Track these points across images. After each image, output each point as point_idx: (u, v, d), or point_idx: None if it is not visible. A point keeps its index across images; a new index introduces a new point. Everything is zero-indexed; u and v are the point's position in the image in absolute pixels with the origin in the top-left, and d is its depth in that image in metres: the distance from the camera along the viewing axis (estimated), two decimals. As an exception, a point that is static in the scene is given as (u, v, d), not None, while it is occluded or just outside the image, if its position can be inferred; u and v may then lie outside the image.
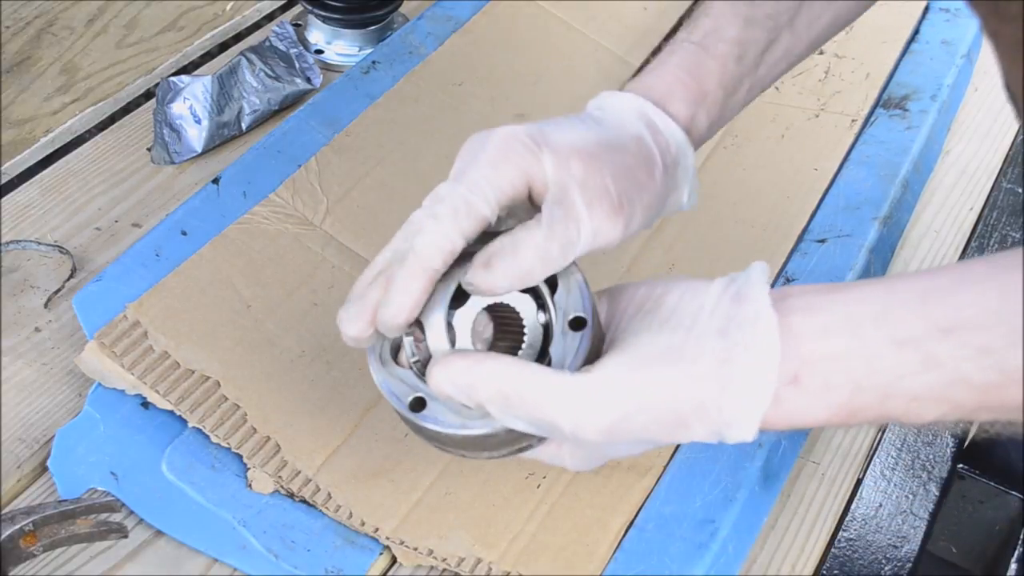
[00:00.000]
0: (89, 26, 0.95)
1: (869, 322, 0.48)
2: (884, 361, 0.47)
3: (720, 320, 0.50)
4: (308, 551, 0.65)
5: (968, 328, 0.46)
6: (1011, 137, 0.98)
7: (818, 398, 0.49)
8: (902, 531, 0.70)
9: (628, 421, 0.49)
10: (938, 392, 0.47)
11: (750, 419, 0.49)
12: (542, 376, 0.50)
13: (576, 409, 0.50)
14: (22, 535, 0.63)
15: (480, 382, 0.51)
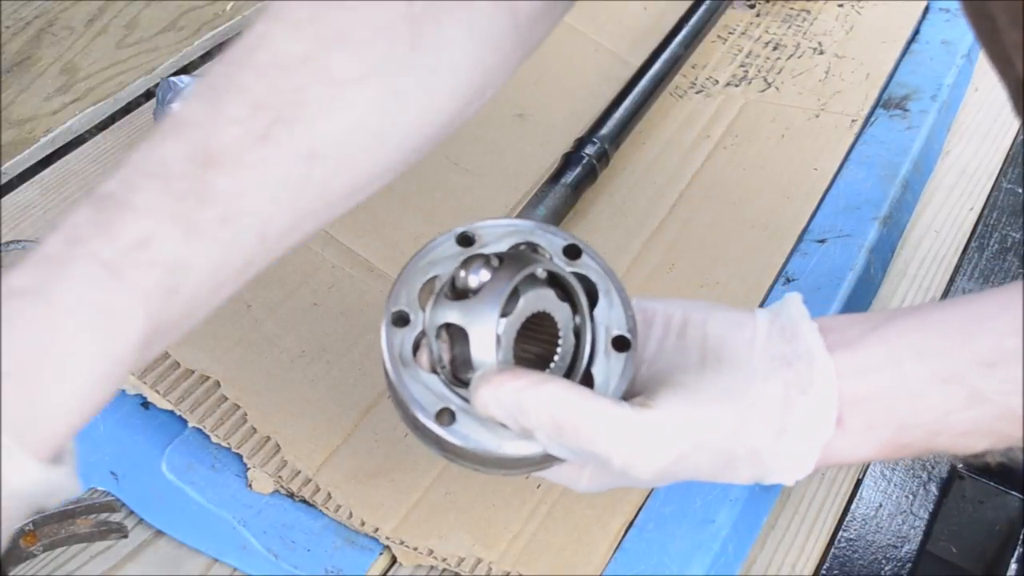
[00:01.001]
0: (89, 26, 0.95)
1: (910, 357, 0.47)
2: (928, 399, 0.47)
3: (771, 359, 0.48)
4: (308, 551, 0.65)
5: (1011, 360, 0.46)
6: (1011, 137, 0.98)
7: (862, 438, 0.48)
8: (902, 531, 0.70)
9: (683, 462, 0.48)
10: (985, 426, 0.47)
11: (801, 466, 0.48)
12: (601, 408, 0.47)
13: (633, 447, 0.47)
14: (22, 535, 0.63)
15: (533, 407, 0.47)
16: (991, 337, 0.46)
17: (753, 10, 1.05)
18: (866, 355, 0.48)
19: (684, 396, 0.48)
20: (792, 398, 0.47)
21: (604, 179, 0.86)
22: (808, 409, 0.47)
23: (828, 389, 0.47)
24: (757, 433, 0.47)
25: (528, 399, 0.47)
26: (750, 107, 0.94)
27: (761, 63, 0.99)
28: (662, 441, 0.47)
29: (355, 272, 0.77)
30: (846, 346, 0.48)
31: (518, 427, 0.48)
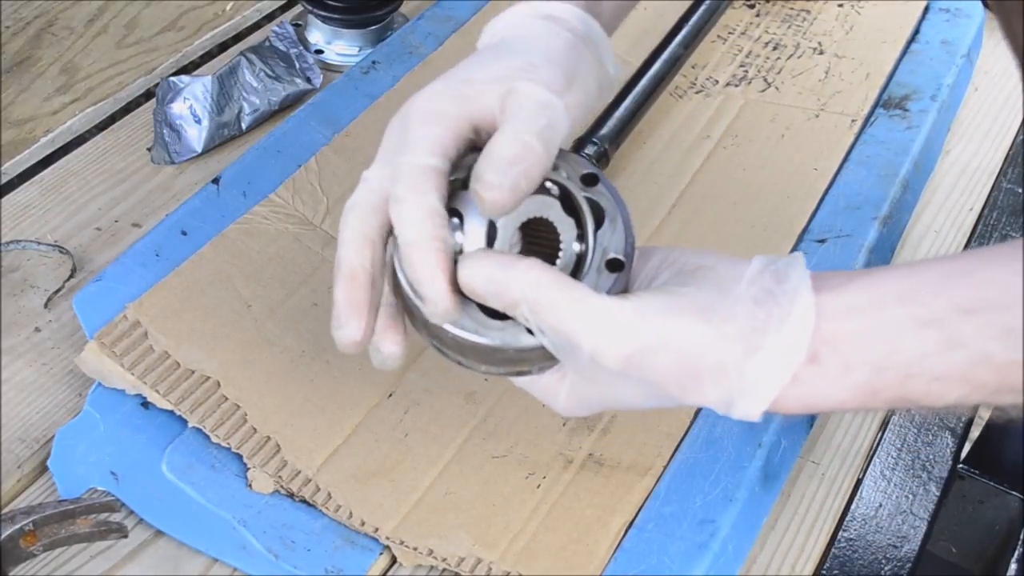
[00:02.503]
0: (89, 26, 0.95)
1: (891, 302, 0.48)
2: (906, 342, 0.47)
3: (758, 291, 0.50)
4: (308, 551, 0.65)
5: (991, 309, 0.46)
6: (1011, 137, 0.98)
7: (837, 378, 0.48)
8: (902, 531, 0.70)
9: (648, 356, 0.49)
10: (961, 372, 0.47)
11: (768, 389, 0.48)
12: (578, 290, 0.49)
13: (603, 330, 0.49)
14: (22, 535, 0.63)
15: (514, 281, 0.49)
16: (972, 286, 0.47)
17: (753, 10, 1.05)
18: (849, 298, 0.49)
19: (661, 297, 0.50)
20: (768, 324, 0.48)
21: (604, 179, 0.86)
22: (782, 336, 0.48)
23: (805, 321, 0.48)
24: (726, 347, 0.49)
25: (511, 274, 0.49)
26: (750, 107, 0.94)
27: (761, 63, 0.99)
28: (629, 328, 0.49)
29: (355, 272, 0.77)
30: (830, 289, 0.49)
31: (502, 303, 0.50)
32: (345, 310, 0.53)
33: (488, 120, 0.53)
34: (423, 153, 0.51)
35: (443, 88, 0.53)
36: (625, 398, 0.54)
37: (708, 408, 0.70)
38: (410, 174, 0.51)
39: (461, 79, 0.54)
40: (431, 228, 0.50)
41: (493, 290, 0.50)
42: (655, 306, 0.50)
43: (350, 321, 0.53)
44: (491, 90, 0.53)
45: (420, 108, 0.53)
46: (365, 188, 0.54)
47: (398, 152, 0.52)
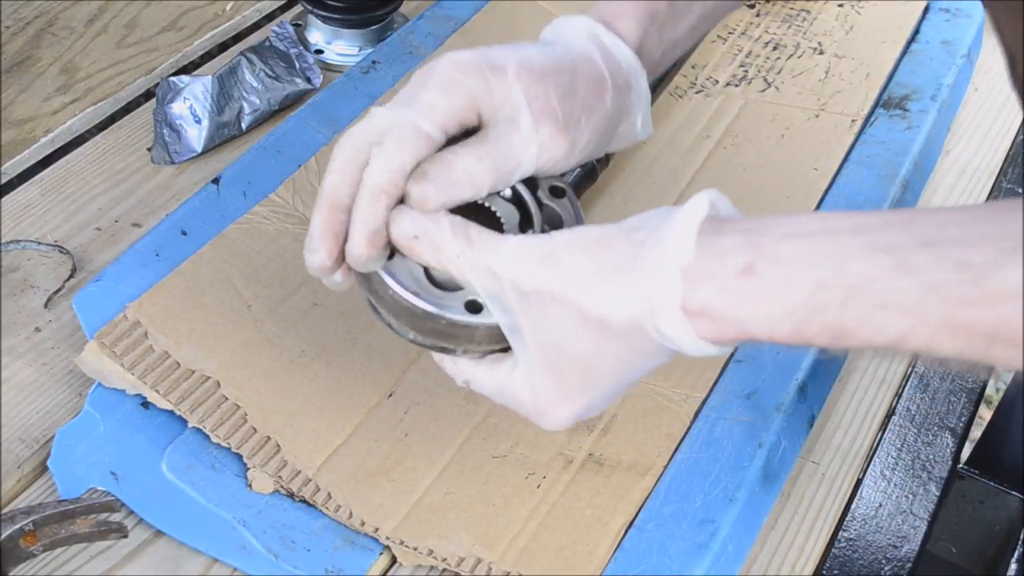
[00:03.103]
0: (89, 26, 0.95)
1: (846, 231, 0.47)
2: (855, 263, 0.46)
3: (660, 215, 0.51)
4: (308, 551, 0.65)
5: (950, 243, 0.45)
6: (1011, 137, 0.98)
7: (773, 293, 0.47)
8: (902, 531, 0.70)
9: (556, 260, 0.51)
10: (908, 300, 0.45)
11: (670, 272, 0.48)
12: (499, 235, 0.53)
13: (517, 255, 0.51)
14: (22, 535, 0.63)
15: (443, 224, 0.52)
16: (932, 224, 0.46)
17: (753, 10, 1.05)
18: (798, 225, 0.48)
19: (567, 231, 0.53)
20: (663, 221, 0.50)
21: (604, 179, 0.86)
22: (674, 221, 0.50)
23: (696, 210, 0.49)
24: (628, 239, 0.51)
25: (439, 219, 0.53)
26: (750, 107, 0.94)
27: (761, 63, 0.99)
28: (536, 246, 0.52)
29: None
30: (778, 217, 0.49)
31: (430, 244, 0.52)
32: (319, 236, 0.55)
33: (488, 113, 0.55)
34: (424, 117, 0.54)
35: (473, 62, 0.55)
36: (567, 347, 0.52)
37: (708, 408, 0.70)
38: (402, 130, 0.54)
39: (493, 64, 0.55)
40: (387, 183, 0.53)
41: (421, 231, 0.52)
42: (562, 233, 0.53)
43: (322, 247, 0.55)
44: (508, 90, 0.55)
45: (444, 73, 0.55)
46: (367, 123, 0.56)
47: (407, 104, 0.54)
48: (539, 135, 0.55)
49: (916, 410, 0.76)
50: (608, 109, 0.59)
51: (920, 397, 0.77)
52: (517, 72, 0.55)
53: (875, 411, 0.76)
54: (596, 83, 0.58)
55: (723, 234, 0.49)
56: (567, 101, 0.56)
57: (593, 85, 0.58)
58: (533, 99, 0.55)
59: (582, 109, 0.57)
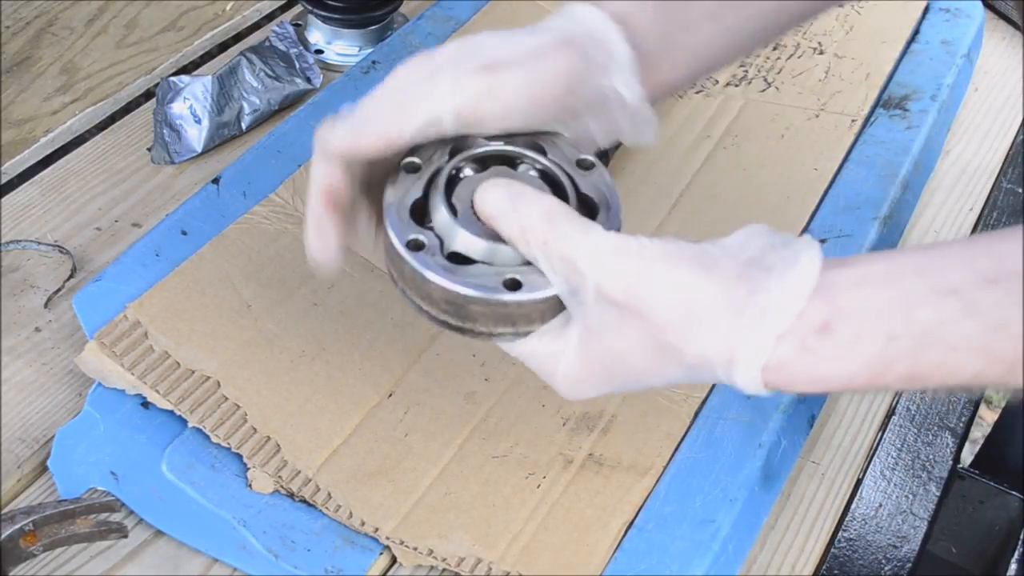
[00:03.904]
0: (89, 26, 0.95)
1: (909, 273, 0.47)
2: (923, 309, 0.46)
3: (764, 246, 0.50)
4: (308, 551, 0.65)
5: (1012, 278, 0.45)
6: (1011, 137, 0.98)
7: (848, 348, 0.47)
8: (902, 531, 0.70)
9: (649, 288, 0.49)
10: (978, 342, 0.46)
11: (766, 337, 0.47)
12: (587, 223, 0.51)
13: (608, 258, 0.49)
14: (22, 535, 0.63)
15: (531, 205, 0.51)
16: (992, 258, 0.46)
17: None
18: (864, 269, 0.48)
19: (669, 241, 0.51)
20: (771, 272, 0.48)
21: (604, 179, 0.86)
22: (786, 280, 0.48)
23: (810, 268, 0.48)
24: (727, 288, 0.48)
25: (527, 199, 0.51)
26: (750, 107, 0.94)
27: (761, 63, 0.99)
28: (633, 258, 0.49)
29: (355, 272, 0.77)
30: (846, 264, 0.49)
31: (516, 223, 0.51)
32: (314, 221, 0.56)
33: None
34: (410, 118, 0.54)
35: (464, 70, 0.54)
36: (631, 357, 0.52)
37: (708, 408, 0.70)
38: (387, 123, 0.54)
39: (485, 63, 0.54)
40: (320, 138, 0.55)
41: (508, 208, 0.51)
42: (661, 247, 0.50)
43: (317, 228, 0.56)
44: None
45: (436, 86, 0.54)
46: None
47: (399, 97, 0.54)
48: (452, 69, 0.53)
49: (916, 410, 0.76)
50: (556, 53, 0.55)
51: (920, 397, 0.77)
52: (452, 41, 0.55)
53: (875, 411, 0.76)
54: (541, 35, 0.56)
55: None
56: (497, 48, 0.54)
57: (536, 37, 0.55)
58: (459, 47, 0.54)
59: (514, 52, 0.54)
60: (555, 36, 0.56)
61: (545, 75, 0.54)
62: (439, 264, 0.53)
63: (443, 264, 0.53)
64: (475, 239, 0.53)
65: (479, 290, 0.52)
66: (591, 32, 0.56)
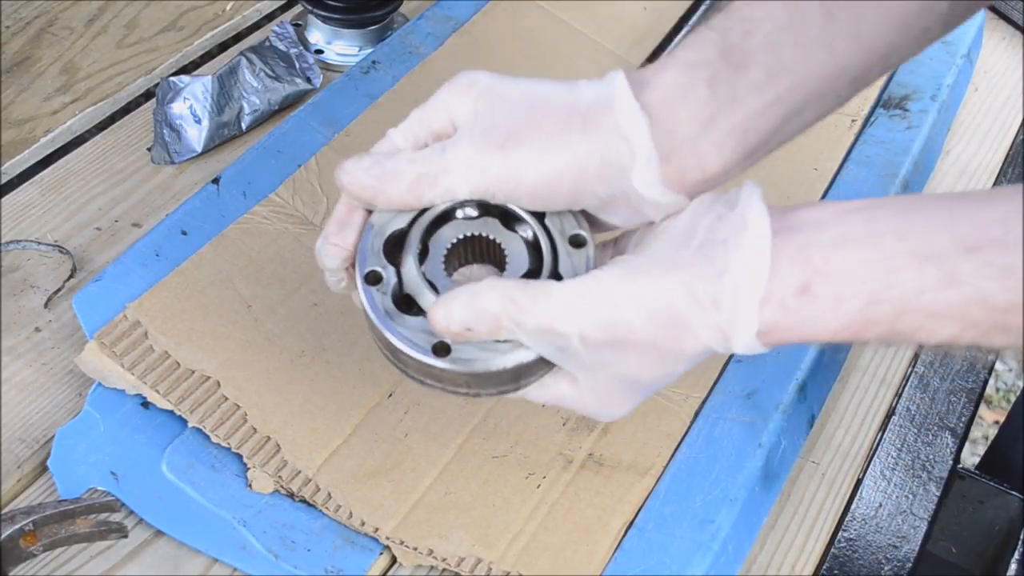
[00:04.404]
0: (89, 26, 0.95)
1: (891, 235, 0.48)
2: (903, 275, 0.47)
3: (712, 220, 0.50)
4: (308, 551, 0.65)
5: (993, 248, 0.46)
6: (1011, 137, 0.98)
7: (830, 309, 0.48)
8: (902, 531, 0.70)
9: (624, 317, 0.50)
10: (956, 310, 0.47)
11: (748, 310, 0.48)
12: (543, 286, 0.51)
13: (576, 310, 0.50)
14: (22, 535, 0.63)
15: (488, 302, 0.51)
16: (976, 225, 0.46)
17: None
18: (844, 230, 0.49)
19: (621, 263, 0.52)
20: (726, 247, 0.49)
21: (604, 179, 0.86)
22: (742, 249, 0.49)
23: (761, 233, 0.49)
24: (693, 281, 0.49)
25: (479, 302, 0.51)
26: (750, 107, 0.94)
27: (761, 63, 0.99)
28: (599, 298, 0.50)
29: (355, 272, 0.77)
30: (821, 222, 0.49)
31: (485, 328, 0.51)
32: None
33: None
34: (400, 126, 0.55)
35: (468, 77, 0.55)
36: (635, 369, 0.53)
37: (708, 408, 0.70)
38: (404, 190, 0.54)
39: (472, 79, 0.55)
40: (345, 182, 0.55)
41: (472, 319, 0.51)
42: (615, 272, 0.51)
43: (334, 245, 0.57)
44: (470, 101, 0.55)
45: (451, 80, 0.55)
46: None
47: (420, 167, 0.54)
48: (470, 146, 0.53)
49: (916, 410, 0.76)
50: (577, 144, 0.53)
51: (920, 397, 0.77)
52: (484, 88, 0.54)
53: (875, 411, 0.76)
54: (564, 113, 0.54)
55: (774, 245, 0.49)
56: (516, 122, 0.53)
57: (560, 114, 0.54)
58: (479, 113, 0.54)
59: (533, 132, 0.53)
60: (582, 112, 0.54)
61: (560, 169, 0.53)
62: (383, 305, 0.53)
63: (387, 307, 0.53)
64: (429, 296, 0.53)
65: (409, 346, 0.53)
66: (619, 121, 0.53)
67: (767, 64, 0.54)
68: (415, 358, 0.53)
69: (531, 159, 0.53)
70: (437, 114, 0.55)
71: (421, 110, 0.56)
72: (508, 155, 0.53)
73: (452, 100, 0.55)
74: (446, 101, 0.55)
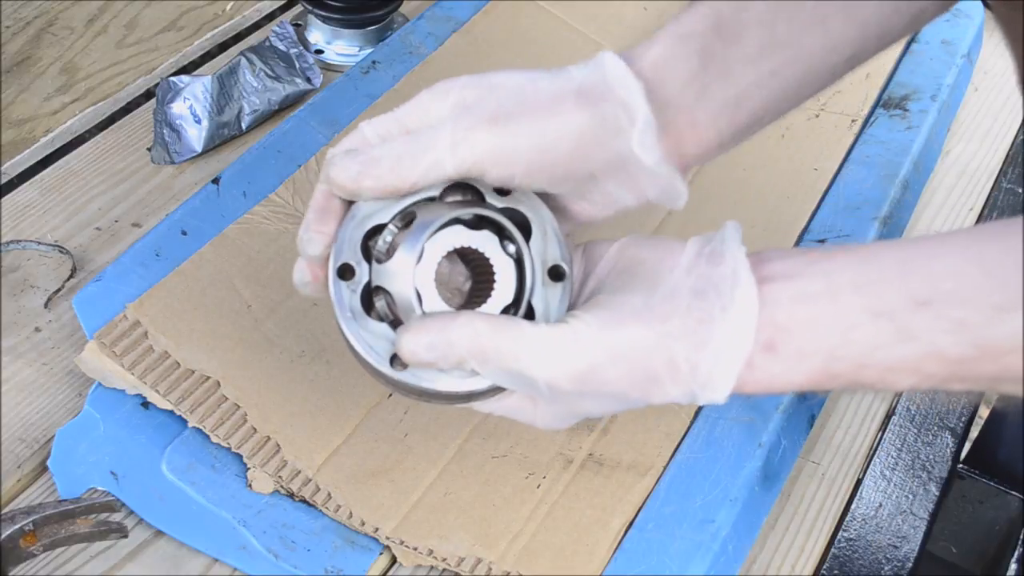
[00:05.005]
0: (89, 26, 0.95)
1: (847, 290, 0.48)
2: (859, 332, 0.47)
3: (696, 280, 0.50)
4: (308, 551, 0.65)
5: (945, 301, 0.46)
6: (1011, 137, 0.98)
7: (792, 365, 0.49)
8: (902, 531, 0.70)
9: (599, 372, 0.49)
10: (911, 364, 0.47)
11: (724, 380, 0.49)
12: (516, 328, 0.50)
13: (549, 359, 0.49)
14: (22, 535, 0.63)
15: (455, 340, 0.50)
16: (927, 278, 0.47)
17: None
18: (804, 285, 0.49)
19: (599, 312, 0.50)
20: (712, 315, 0.48)
21: (604, 179, 0.86)
22: (727, 324, 0.48)
23: (748, 307, 0.48)
24: (674, 346, 0.48)
25: (450, 336, 0.50)
26: (750, 107, 0.94)
27: (761, 63, 0.99)
28: (574, 351, 0.49)
29: (355, 272, 0.77)
30: (785, 277, 0.49)
31: (450, 364, 0.50)
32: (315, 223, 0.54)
33: None
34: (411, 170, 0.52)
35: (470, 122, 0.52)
36: (592, 408, 0.54)
37: (708, 408, 0.70)
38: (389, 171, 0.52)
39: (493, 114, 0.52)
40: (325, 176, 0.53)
41: (438, 356, 0.50)
42: (594, 322, 0.50)
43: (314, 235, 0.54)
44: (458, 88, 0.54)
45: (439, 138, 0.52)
46: None
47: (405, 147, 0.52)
48: (454, 123, 0.51)
49: (916, 410, 0.76)
50: (571, 112, 0.52)
51: (920, 397, 0.77)
52: (467, 81, 0.54)
53: (875, 411, 0.76)
54: (556, 90, 0.52)
55: None
56: (505, 103, 0.52)
57: (551, 91, 0.52)
58: (464, 99, 0.53)
59: (525, 109, 0.52)
60: (573, 88, 0.52)
61: (555, 136, 0.52)
62: (349, 304, 0.52)
63: (353, 306, 0.52)
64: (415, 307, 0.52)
65: (367, 351, 0.52)
66: (613, 88, 0.52)
67: (760, 38, 0.54)
68: (371, 364, 0.52)
69: (523, 130, 0.51)
70: (414, 113, 0.54)
71: (398, 109, 0.54)
72: (499, 128, 0.51)
73: (431, 101, 0.53)
74: (424, 101, 0.54)
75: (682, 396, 0.50)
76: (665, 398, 0.50)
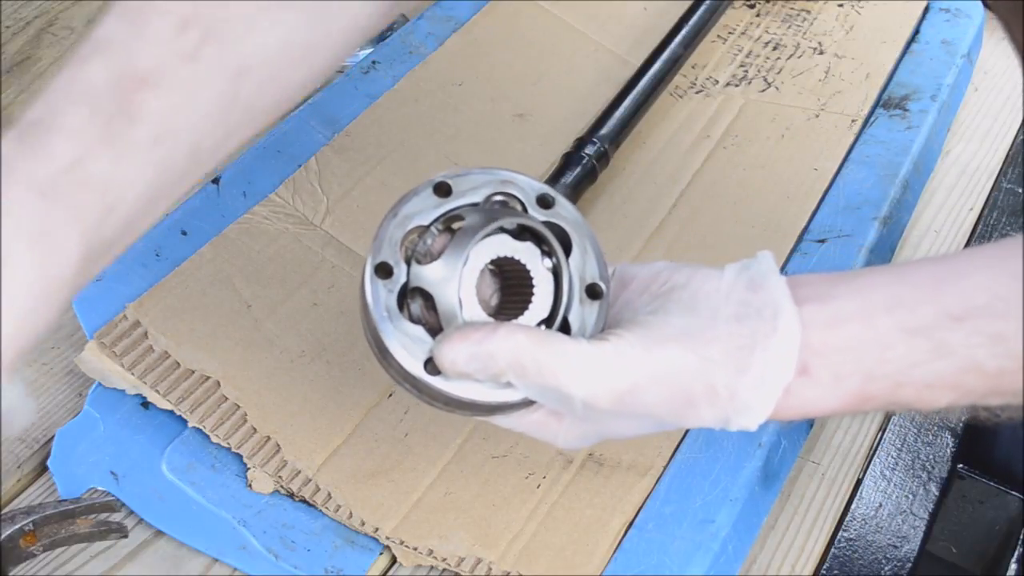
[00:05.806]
0: (89, 26, 0.95)
1: (880, 310, 0.48)
2: (895, 351, 0.47)
3: (736, 306, 0.49)
4: (308, 551, 0.65)
5: (980, 315, 0.46)
6: (1011, 137, 0.98)
7: (828, 388, 0.48)
8: (902, 531, 0.70)
9: (639, 393, 0.49)
10: (950, 380, 0.47)
11: (762, 407, 0.48)
12: (558, 344, 0.50)
13: (590, 377, 0.49)
14: (22, 535, 0.63)
15: (496, 352, 0.49)
16: (961, 293, 0.47)
17: (753, 10, 1.05)
18: (837, 307, 0.49)
19: (641, 332, 0.50)
20: (754, 342, 0.48)
21: (604, 179, 0.86)
22: (769, 352, 0.48)
23: (791, 335, 0.48)
24: (715, 371, 0.48)
25: (491, 347, 0.49)
26: (750, 107, 0.94)
27: (761, 63, 0.99)
28: (617, 370, 0.49)
29: (355, 272, 0.77)
30: (818, 299, 0.49)
31: (487, 375, 0.50)
32: None
33: None
34: None
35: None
36: (622, 430, 0.54)
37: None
38: None
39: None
40: None
41: (477, 367, 0.50)
42: (636, 342, 0.49)
43: None
44: None
45: None
46: None
47: None
48: None
49: (916, 410, 0.76)
50: None
51: (920, 397, 0.77)
52: None
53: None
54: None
55: None
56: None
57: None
58: None
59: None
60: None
61: None
62: (386, 303, 0.51)
63: (389, 306, 0.51)
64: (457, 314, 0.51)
65: (402, 353, 0.50)
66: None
67: None
68: (404, 367, 0.51)
69: None
70: None
71: None
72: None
73: None
74: None
75: (716, 421, 0.50)
76: (699, 422, 0.50)
